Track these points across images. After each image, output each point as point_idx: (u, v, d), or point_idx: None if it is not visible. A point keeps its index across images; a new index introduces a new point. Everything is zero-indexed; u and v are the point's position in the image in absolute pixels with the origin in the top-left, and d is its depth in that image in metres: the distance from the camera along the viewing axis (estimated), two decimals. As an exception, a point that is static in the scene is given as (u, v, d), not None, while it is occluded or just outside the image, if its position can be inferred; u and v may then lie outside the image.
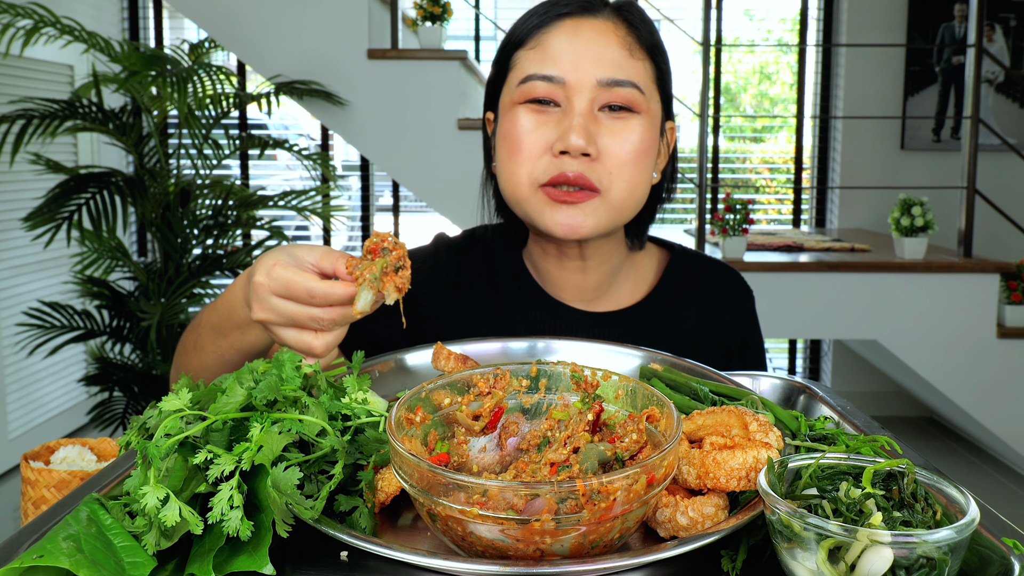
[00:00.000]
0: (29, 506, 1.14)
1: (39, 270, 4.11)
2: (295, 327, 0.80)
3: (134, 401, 3.40)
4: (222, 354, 0.96)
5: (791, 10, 5.42)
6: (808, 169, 5.07)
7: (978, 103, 3.47)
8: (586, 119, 0.98)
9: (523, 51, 1.03)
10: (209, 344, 0.97)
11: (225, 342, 0.94)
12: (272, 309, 0.80)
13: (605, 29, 1.01)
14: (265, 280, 0.79)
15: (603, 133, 0.99)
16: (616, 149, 0.99)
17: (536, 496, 0.55)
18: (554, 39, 1.01)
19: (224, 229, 3.41)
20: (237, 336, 0.93)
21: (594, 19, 1.02)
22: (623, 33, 1.01)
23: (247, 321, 0.89)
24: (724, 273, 1.19)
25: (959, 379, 3.46)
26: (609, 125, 1.00)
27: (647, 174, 1.03)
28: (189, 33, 5.05)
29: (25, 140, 3.00)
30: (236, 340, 0.93)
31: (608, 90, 0.99)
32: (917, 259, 3.43)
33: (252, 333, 0.91)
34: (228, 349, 0.95)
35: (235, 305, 0.90)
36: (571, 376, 0.72)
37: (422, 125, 3.48)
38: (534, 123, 1.00)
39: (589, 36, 1.00)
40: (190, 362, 1.01)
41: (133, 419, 0.65)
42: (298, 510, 0.58)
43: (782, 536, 0.54)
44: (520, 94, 1.01)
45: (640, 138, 1.00)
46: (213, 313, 0.96)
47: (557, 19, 1.02)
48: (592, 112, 0.99)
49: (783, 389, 0.90)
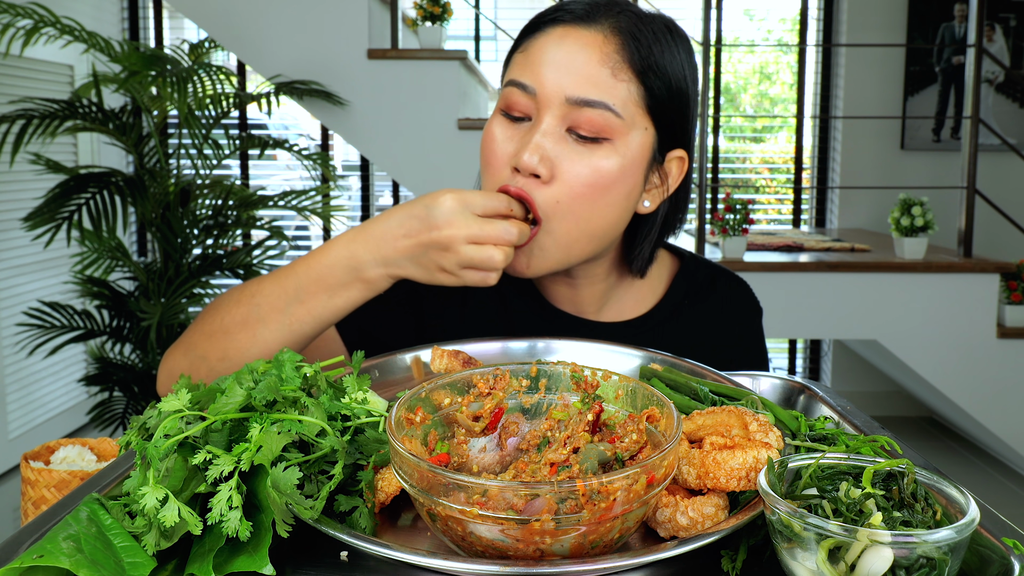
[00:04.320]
0: (29, 506, 1.14)
1: (39, 270, 4.11)
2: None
3: (134, 401, 3.40)
4: (292, 324, 0.90)
5: (791, 10, 5.42)
6: (808, 169, 5.07)
7: (978, 103, 3.47)
8: (548, 137, 0.90)
9: (516, 53, 0.98)
10: (273, 316, 0.90)
11: (302, 309, 0.89)
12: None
13: (591, 42, 0.91)
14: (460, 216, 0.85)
15: (565, 156, 0.91)
16: (569, 178, 0.90)
17: (536, 496, 0.55)
18: (539, 46, 0.94)
19: (224, 229, 3.41)
20: (322, 300, 0.89)
21: (586, 30, 0.92)
22: (611, 49, 0.91)
23: (345, 282, 0.88)
24: (734, 286, 1.16)
25: (959, 379, 3.46)
26: (573, 149, 0.91)
27: (612, 209, 0.94)
28: (189, 33, 5.05)
29: (25, 140, 3.00)
30: (318, 305, 0.89)
31: (577, 110, 0.90)
32: (917, 259, 3.43)
33: (343, 296, 0.89)
34: (304, 316, 0.89)
35: (333, 265, 0.88)
36: (571, 376, 0.72)
37: (422, 125, 3.48)
38: (504, 136, 0.95)
39: (571, 48, 0.91)
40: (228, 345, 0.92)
41: (133, 419, 0.65)
42: (298, 510, 0.58)
43: (782, 536, 0.54)
44: (501, 99, 0.97)
45: (605, 169, 0.91)
46: (286, 279, 0.90)
47: (551, 24, 0.94)
48: (559, 131, 0.91)
49: (783, 389, 0.90)
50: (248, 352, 0.91)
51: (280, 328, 0.90)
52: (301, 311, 0.89)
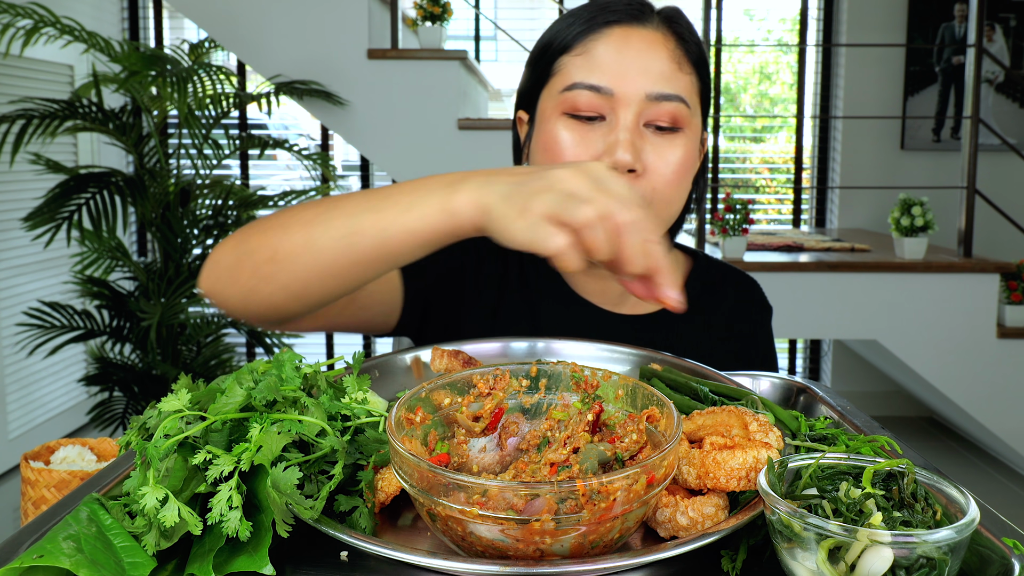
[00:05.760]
0: (29, 506, 1.14)
1: (39, 270, 4.11)
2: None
3: (134, 401, 3.40)
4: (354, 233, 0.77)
5: (791, 10, 5.42)
6: (808, 169, 5.07)
7: (978, 103, 3.47)
8: (632, 134, 0.96)
9: (568, 57, 0.99)
10: (340, 219, 0.78)
11: (371, 218, 0.77)
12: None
13: (655, 40, 0.98)
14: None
15: (648, 149, 0.97)
16: (661, 167, 0.97)
17: (536, 496, 0.55)
18: (602, 47, 0.97)
19: (224, 229, 3.41)
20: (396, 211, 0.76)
21: (643, 29, 0.99)
22: (672, 45, 0.99)
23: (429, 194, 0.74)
24: (746, 285, 1.19)
25: (959, 379, 3.46)
26: (654, 141, 0.97)
27: (687, 190, 1.02)
28: (189, 33, 5.05)
29: (25, 140, 3.00)
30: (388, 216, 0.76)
31: (655, 104, 0.96)
32: (917, 259, 3.43)
33: (418, 211, 0.74)
34: (368, 228, 0.76)
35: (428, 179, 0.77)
36: (571, 376, 0.72)
37: (422, 125, 3.48)
38: (578, 137, 0.97)
39: (639, 47, 0.97)
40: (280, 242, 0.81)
41: (133, 419, 0.65)
42: (298, 510, 0.58)
43: (782, 536, 0.54)
44: (563, 102, 0.98)
45: (685, 155, 0.98)
46: (376, 192, 0.80)
47: (606, 26, 0.98)
48: (638, 127, 0.97)
49: (783, 389, 0.90)
50: (297, 259, 0.80)
51: (340, 235, 0.78)
52: (369, 220, 0.77)
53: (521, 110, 1.10)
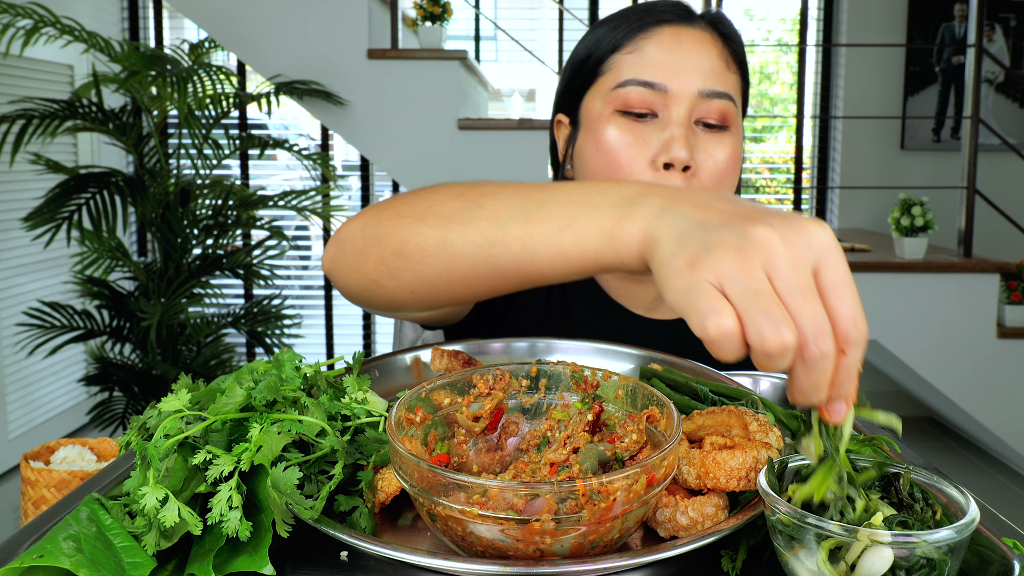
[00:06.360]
0: (29, 506, 1.14)
1: (39, 270, 4.11)
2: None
3: (134, 401, 3.40)
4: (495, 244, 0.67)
5: (791, 10, 5.42)
6: (808, 169, 5.07)
7: (978, 103, 3.47)
8: (685, 130, 0.97)
9: (619, 55, 1.01)
10: (485, 224, 0.68)
11: (521, 229, 0.65)
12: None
13: (704, 39, 1.01)
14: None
15: (699, 147, 0.99)
16: (711, 165, 0.99)
17: (536, 496, 0.55)
18: (654, 45, 1.00)
19: (224, 229, 3.41)
20: (551, 228, 0.64)
21: (692, 28, 1.01)
22: (720, 45, 1.02)
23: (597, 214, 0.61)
24: None
25: (959, 379, 3.46)
26: (704, 139, 0.99)
27: (733, 189, 1.04)
28: (189, 33, 5.05)
29: (25, 140, 3.01)
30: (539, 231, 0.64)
31: (706, 101, 0.98)
32: (917, 259, 3.43)
33: (575, 232, 0.62)
34: (513, 241, 0.66)
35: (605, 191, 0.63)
36: (571, 376, 0.72)
37: (422, 125, 3.48)
38: (633, 136, 0.98)
39: (690, 45, 1.00)
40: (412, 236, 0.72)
41: (133, 419, 0.65)
42: (298, 510, 0.58)
43: (782, 536, 0.54)
44: (614, 99, 1.00)
45: (733, 153, 1.00)
46: (535, 190, 0.68)
47: (657, 25, 1.01)
48: (689, 123, 0.98)
49: (783, 389, 0.90)
50: (427, 259, 0.71)
51: (479, 241, 0.67)
52: (517, 232, 0.65)
53: (560, 113, 1.10)
